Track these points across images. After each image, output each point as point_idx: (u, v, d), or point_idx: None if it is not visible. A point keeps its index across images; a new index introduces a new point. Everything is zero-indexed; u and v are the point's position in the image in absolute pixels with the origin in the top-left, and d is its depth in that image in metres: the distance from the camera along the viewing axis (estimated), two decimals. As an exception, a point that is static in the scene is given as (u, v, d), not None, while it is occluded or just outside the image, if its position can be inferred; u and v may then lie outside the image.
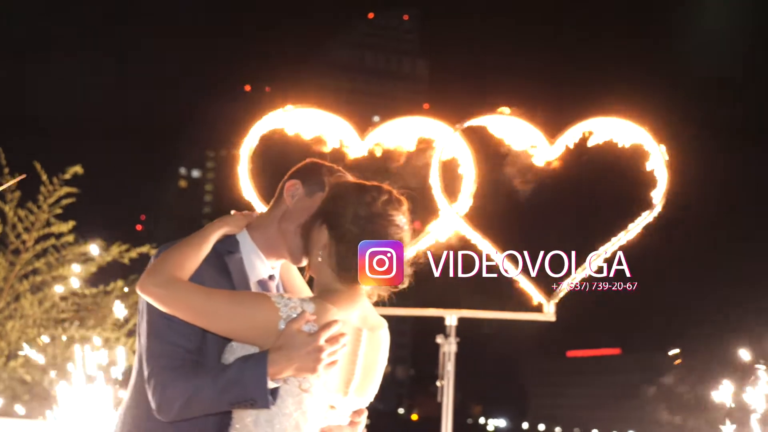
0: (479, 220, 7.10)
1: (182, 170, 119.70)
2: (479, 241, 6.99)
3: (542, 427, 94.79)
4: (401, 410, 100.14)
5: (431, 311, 7.45)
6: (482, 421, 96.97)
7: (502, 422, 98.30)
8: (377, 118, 7.51)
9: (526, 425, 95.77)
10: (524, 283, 7.00)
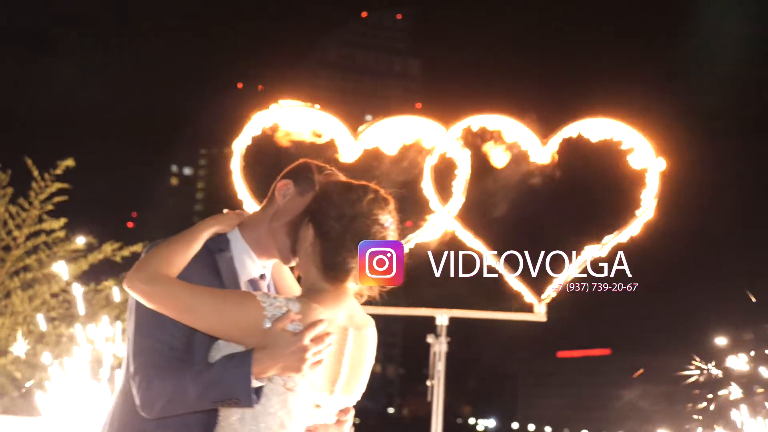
0: (471, 219, 7.10)
1: (174, 168, 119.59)
2: (471, 240, 6.99)
3: (532, 427, 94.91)
4: (391, 409, 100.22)
5: (422, 311, 7.44)
6: (472, 421, 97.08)
7: (491, 422, 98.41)
8: (370, 117, 7.49)
9: (515, 425, 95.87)
10: (515, 283, 7.00)
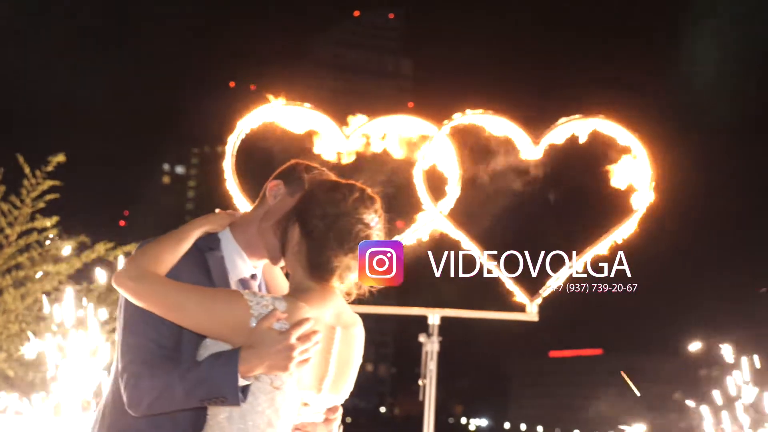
0: (463, 219, 7.10)
1: (166, 166, 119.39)
2: (464, 240, 7.00)
3: (524, 426, 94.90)
4: (383, 409, 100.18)
5: (414, 310, 7.45)
6: (464, 420, 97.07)
7: (483, 422, 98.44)
8: (362, 116, 7.49)
9: (507, 425, 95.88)
10: (508, 282, 7.00)
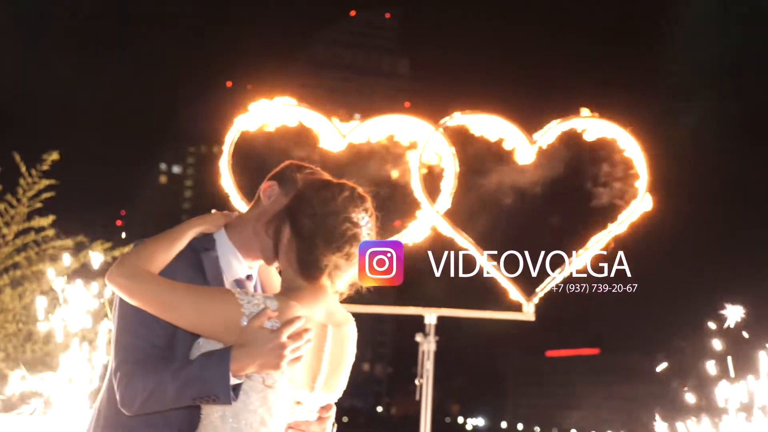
0: (460, 218, 7.11)
1: (163, 166, 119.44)
2: (460, 239, 7.00)
3: (521, 426, 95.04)
4: (380, 408, 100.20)
5: (411, 310, 7.45)
6: (461, 420, 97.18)
7: (480, 421, 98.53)
8: (358, 116, 7.49)
9: (504, 424, 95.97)
10: (504, 282, 7.01)
